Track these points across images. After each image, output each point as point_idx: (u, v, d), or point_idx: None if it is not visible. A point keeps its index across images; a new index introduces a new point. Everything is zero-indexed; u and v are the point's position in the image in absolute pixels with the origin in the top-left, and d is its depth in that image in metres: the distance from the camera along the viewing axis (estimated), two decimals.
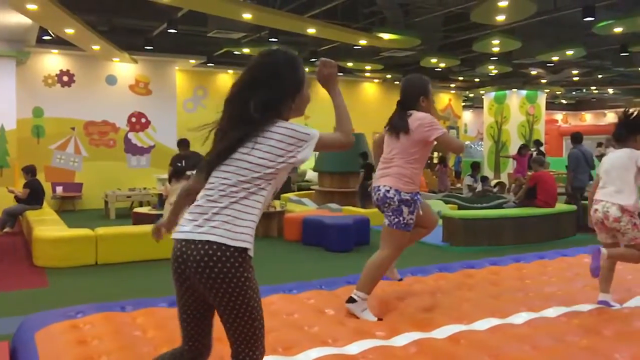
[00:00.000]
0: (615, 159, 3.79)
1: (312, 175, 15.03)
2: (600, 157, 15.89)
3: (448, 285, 4.47)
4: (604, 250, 3.65)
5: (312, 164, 14.01)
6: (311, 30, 10.28)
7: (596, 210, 3.79)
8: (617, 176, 3.71)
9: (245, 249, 1.89)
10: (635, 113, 3.78)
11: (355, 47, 12.99)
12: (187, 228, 1.93)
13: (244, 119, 1.99)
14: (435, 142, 3.65)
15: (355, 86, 18.85)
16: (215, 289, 1.86)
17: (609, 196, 3.71)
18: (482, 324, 3.44)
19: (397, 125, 3.68)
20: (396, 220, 3.62)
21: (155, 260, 6.63)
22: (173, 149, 12.03)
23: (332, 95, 2.25)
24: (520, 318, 3.55)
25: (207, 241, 1.86)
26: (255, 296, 1.92)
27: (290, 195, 11.88)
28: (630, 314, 3.65)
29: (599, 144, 18.09)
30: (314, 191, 12.43)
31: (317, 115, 17.79)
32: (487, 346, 3.06)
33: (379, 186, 3.70)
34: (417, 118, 3.63)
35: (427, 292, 4.26)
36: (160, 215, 7.84)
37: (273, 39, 11.42)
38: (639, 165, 3.64)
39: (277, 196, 9.98)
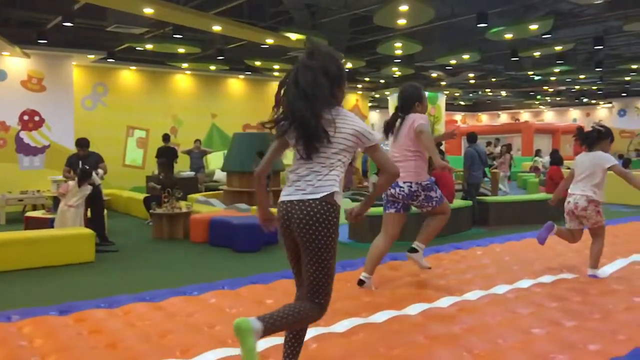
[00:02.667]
0: (588, 159, 4.63)
1: (220, 175, 14.81)
2: (490, 155, 17.00)
3: (351, 281, 4.58)
4: (556, 227, 4.63)
5: (221, 164, 13.82)
6: (217, 28, 10.14)
7: (569, 202, 4.67)
8: (589, 173, 4.57)
9: (334, 198, 2.37)
10: (598, 127, 4.76)
11: (262, 46, 12.97)
12: (290, 191, 2.43)
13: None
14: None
15: (264, 86, 18.81)
16: (312, 233, 2.34)
17: (579, 190, 4.60)
18: (380, 317, 3.57)
19: (394, 125, 4.36)
20: (433, 202, 4.28)
21: (49, 267, 6.26)
22: (70, 148, 11.42)
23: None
24: (415, 309, 3.71)
25: (309, 199, 2.35)
26: (337, 241, 2.43)
27: (197, 196, 11.64)
28: (513, 299, 3.93)
29: (488, 143, 19.39)
30: (222, 191, 12.26)
31: (224, 115, 17.63)
32: (384, 338, 3.17)
33: (397, 182, 4.19)
34: (411, 116, 4.27)
35: None
36: (53, 219, 7.40)
37: (177, 36, 11.14)
38: (605, 167, 4.52)
39: (183, 197, 9.76)
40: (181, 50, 12.57)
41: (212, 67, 15.52)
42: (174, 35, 11.19)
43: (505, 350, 2.98)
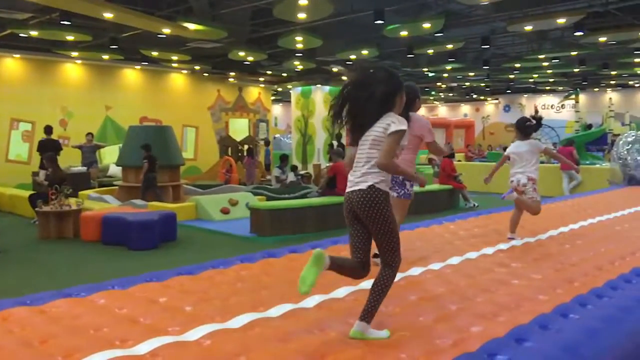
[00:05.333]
0: (526, 146, 5.70)
1: (115, 170, 14.15)
2: None
3: (249, 274, 4.54)
4: (515, 194, 5.59)
5: (115, 158, 13.21)
6: (108, 15, 9.64)
7: (512, 181, 5.73)
8: (527, 157, 5.66)
9: (379, 188, 2.98)
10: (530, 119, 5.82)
11: (159, 36, 12.51)
12: (352, 184, 3.07)
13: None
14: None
15: (163, 77, 18.20)
16: (368, 214, 2.97)
17: (521, 170, 5.67)
18: (277, 310, 3.57)
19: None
20: (401, 191, 4.76)
21: None
22: None
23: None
24: (313, 301, 3.75)
25: (359, 189, 3.00)
26: (391, 216, 3.00)
27: (89, 192, 11.05)
28: (404, 287, 4.09)
29: None
30: (117, 187, 11.72)
31: (119, 107, 16.84)
32: (280, 332, 3.17)
33: None
34: (419, 119, 4.72)
35: (227, 282, 4.28)
36: None
37: (65, 22, 10.46)
38: (542, 150, 5.79)
39: (73, 193, 9.21)
40: (70, 37, 11.85)
41: (105, 57, 14.76)
42: (62, 22, 10.52)
43: (400, 339, 3.09)
